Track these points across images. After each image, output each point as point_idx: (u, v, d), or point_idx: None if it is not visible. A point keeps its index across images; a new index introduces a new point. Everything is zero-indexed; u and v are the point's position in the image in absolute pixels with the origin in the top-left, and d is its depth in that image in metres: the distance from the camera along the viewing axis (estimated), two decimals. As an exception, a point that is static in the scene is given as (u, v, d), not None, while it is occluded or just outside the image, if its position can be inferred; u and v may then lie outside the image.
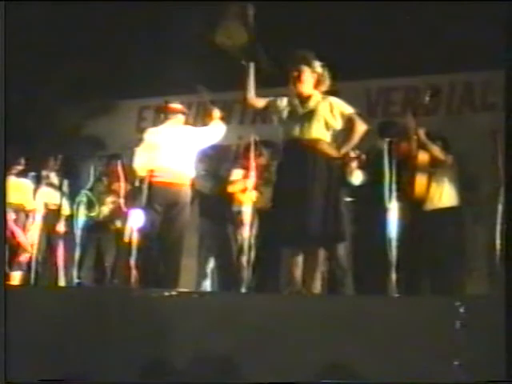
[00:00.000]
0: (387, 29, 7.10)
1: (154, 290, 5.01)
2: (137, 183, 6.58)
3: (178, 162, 6.25)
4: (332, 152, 5.05)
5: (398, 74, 7.36)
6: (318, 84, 5.14)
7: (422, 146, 6.13)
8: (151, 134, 6.44)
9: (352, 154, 6.42)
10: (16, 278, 7.13)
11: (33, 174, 7.45)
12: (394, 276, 5.14)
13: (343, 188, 6.41)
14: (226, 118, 8.34)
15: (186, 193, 6.31)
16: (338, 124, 5.08)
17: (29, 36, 7.96)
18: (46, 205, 7.32)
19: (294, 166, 5.00)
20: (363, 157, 6.29)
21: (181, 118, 6.55)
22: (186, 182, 6.31)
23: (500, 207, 5.06)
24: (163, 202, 6.19)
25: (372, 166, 6.11)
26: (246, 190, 6.41)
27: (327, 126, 5.05)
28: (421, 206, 6.14)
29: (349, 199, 6.43)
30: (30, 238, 7.11)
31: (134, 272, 6.26)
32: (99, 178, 7.59)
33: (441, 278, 5.98)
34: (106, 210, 7.42)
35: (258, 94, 5.27)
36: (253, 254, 6.01)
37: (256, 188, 6.42)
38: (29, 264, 6.99)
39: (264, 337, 4.21)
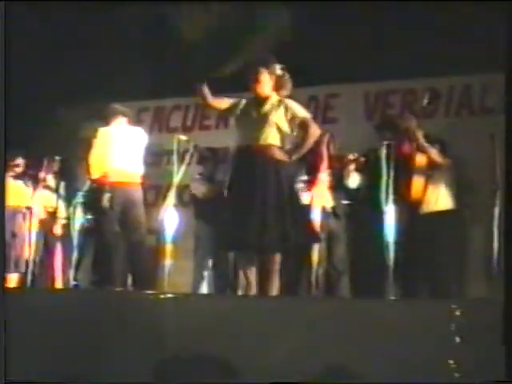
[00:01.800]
0: (385, 31, 7.08)
1: (149, 293, 5.00)
2: (90, 185, 6.68)
3: (128, 162, 6.32)
4: (282, 157, 4.98)
5: (396, 76, 7.35)
6: (277, 87, 5.06)
7: (420, 149, 6.13)
8: (101, 136, 6.45)
9: (350, 157, 6.42)
10: (13, 280, 7.13)
11: (30, 176, 7.46)
12: (390, 279, 5.13)
13: (341, 191, 6.43)
14: (223, 121, 8.39)
15: (139, 192, 6.38)
16: (291, 128, 5.01)
17: (28, 38, 7.95)
18: (43, 207, 7.32)
19: (245, 172, 4.96)
20: (361, 159, 6.29)
21: (123, 119, 6.58)
22: (137, 181, 6.39)
23: (497, 210, 5.05)
24: (117, 203, 6.24)
25: (369, 169, 6.11)
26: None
27: (280, 130, 4.98)
28: (418, 208, 6.14)
29: (346, 202, 6.44)
30: (27, 240, 7.10)
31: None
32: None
33: (438, 280, 5.97)
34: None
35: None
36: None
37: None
38: (26, 266, 6.99)
39: (261, 339, 4.19)
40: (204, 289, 7.12)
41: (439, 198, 6.17)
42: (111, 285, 6.06)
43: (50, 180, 7.60)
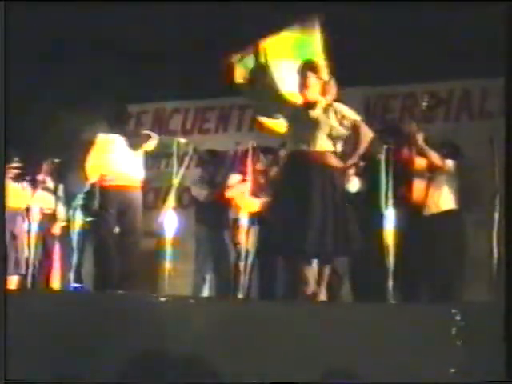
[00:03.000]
0: (385, 35, 7.09)
1: (150, 295, 5.00)
2: (88, 188, 6.67)
3: (128, 165, 6.35)
4: (337, 163, 4.98)
5: (396, 81, 7.37)
6: (324, 92, 5.06)
7: (420, 152, 6.13)
8: (102, 139, 6.48)
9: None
10: (13, 281, 7.13)
11: (29, 178, 7.46)
12: (391, 282, 5.13)
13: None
14: (223, 124, 8.41)
15: (138, 195, 6.42)
16: (343, 132, 4.99)
17: (27, 39, 7.95)
18: (41, 209, 7.31)
19: (298, 178, 4.94)
20: (361, 164, 6.29)
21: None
22: (138, 185, 6.42)
23: (497, 213, 5.06)
24: (115, 206, 6.29)
25: (370, 173, 6.11)
26: (242, 195, 6.41)
27: (332, 134, 4.97)
28: (419, 211, 6.15)
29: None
30: (26, 241, 7.10)
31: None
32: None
33: (439, 284, 5.97)
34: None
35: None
36: (250, 259, 6.02)
37: (253, 194, 6.42)
38: (25, 268, 6.99)
39: (260, 342, 4.20)
40: (205, 292, 7.12)
41: (440, 202, 6.17)
42: (109, 287, 6.09)
43: (50, 182, 7.60)
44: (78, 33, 8.34)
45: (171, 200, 6.14)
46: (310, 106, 5.06)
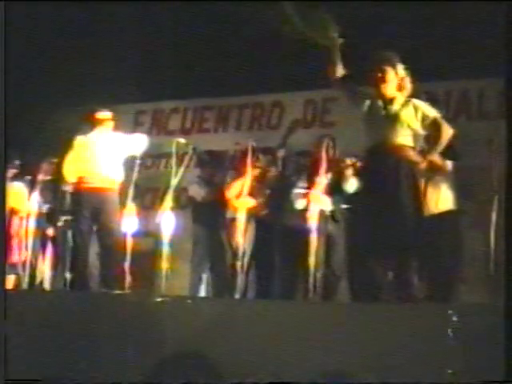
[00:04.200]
0: (385, 35, 7.08)
1: (147, 295, 5.00)
2: (66, 189, 6.75)
3: (106, 167, 6.40)
4: (417, 158, 4.89)
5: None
6: (400, 87, 4.97)
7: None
8: (80, 142, 6.55)
9: (347, 161, 6.41)
10: (10, 281, 7.12)
11: (27, 178, 7.45)
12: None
13: (339, 195, 6.42)
14: (222, 124, 8.39)
15: (115, 198, 6.45)
16: (422, 128, 4.90)
17: (27, 41, 7.96)
18: (39, 209, 7.30)
19: (378, 172, 4.86)
20: (358, 164, 6.27)
21: (109, 125, 6.62)
22: (115, 187, 6.45)
23: (495, 214, 5.05)
24: (91, 207, 6.36)
25: (367, 173, 6.09)
26: (240, 195, 6.40)
27: (411, 130, 4.89)
28: (417, 212, 6.12)
29: (344, 206, 6.43)
30: (24, 241, 7.09)
31: (127, 277, 6.28)
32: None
33: (437, 284, 5.96)
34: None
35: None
36: (246, 259, 6.02)
37: (251, 194, 6.41)
38: (23, 267, 6.98)
39: (257, 342, 4.20)
40: (202, 292, 7.12)
41: (439, 202, 6.15)
42: (83, 286, 6.23)
43: (46, 182, 7.59)
44: (78, 32, 8.34)
45: (169, 200, 6.14)
46: (386, 100, 4.96)
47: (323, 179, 6.15)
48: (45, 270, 7.50)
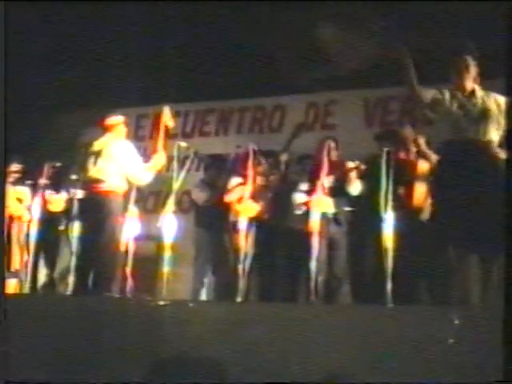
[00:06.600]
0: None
1: (149, 299, 5.00)
2: (74, 193, 6.75)
3: (114, 173, 6.37)
4: (503, 155, 4.61)
5: (395, 83, 7.33)
6: (475, 79, 4.78)
7: (422, 155, 6.10)
8: (90, 146, 6.52)
9: (351, 164, 6.40)
10: (11, 285, 7.11)
11: (29, 182, 7.45)
12: (391, 286, 5.11)
13: (342, 197, 6.42)
14: (223, 128, 8.39)
15: (120, 203, 6.42)
16: (507, 124, 4.61)
17: (27, 42, 7.97)
18: (40, 212, 7.29)
19: (463, 169, 4.60)
20: (362, 167, 6.27)
21: (121, 130, 6.61)
22: (121, 193, 6.43)
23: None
24: (98, 211, 6.33)
25: (370, 176, 6.08)
26: (242, 199, 6.39)
27: (496, 125, 4.68)
28: (419, 215, 6.11)
29: (347, 209, 6.42)
30: (25, 245, 7.09)
31: (129, 281, 6.28)
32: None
33: (438, 287, 5.94)
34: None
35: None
36: (248, 263, 6.02)
37: (253, 197, 6.40)
38: (25, 272, 6.98)
39: (260, 345, 4.19)
40: (204, 295, 7.11)
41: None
42: (85, 290, 6.23)
43: (49, 186, 7.58)
44: (81, 35, 8.35)
45: (171, 204, 6.13)
46: (467, 93, 4.78)
47: (326, 182, 6.14)
48: (46, 274, 7.50)
